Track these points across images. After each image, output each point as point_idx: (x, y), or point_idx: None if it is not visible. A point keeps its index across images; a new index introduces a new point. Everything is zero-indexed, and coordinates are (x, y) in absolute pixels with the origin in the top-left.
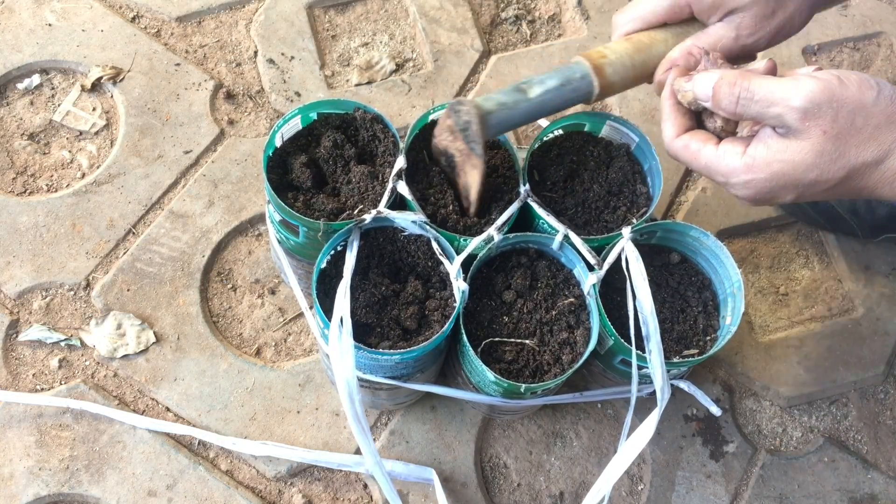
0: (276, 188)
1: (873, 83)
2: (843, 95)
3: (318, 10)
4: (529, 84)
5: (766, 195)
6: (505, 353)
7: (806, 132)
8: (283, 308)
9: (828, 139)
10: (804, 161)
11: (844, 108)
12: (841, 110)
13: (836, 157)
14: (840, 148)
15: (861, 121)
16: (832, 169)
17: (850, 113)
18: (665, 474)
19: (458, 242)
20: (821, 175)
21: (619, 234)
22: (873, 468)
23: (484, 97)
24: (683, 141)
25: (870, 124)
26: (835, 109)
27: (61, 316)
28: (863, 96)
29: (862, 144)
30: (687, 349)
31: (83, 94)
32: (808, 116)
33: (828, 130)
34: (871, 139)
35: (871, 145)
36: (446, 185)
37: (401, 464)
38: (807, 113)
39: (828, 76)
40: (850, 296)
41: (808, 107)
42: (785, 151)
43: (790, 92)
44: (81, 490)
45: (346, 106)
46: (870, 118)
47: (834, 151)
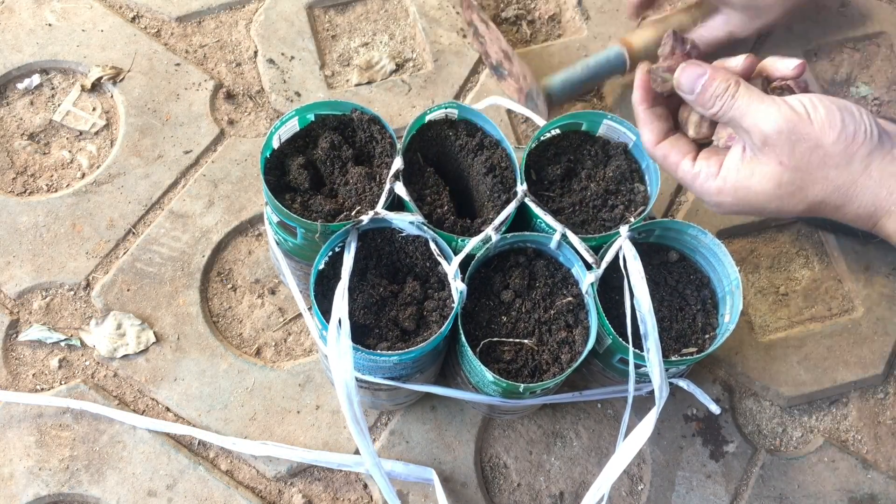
0: (273, 190)
1: (837, 122)
2: (805, 131)
3: (318, 10)
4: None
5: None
6: (504, 353)
7: (766, 158)
8: (283, 308)
9: (784, 170)
10: (765, 191)
11: (802, 143)
12: (798, 145)
13: (793, 190)
14: (797, 181)
15: (818, 159)
16: (791, 202)
17: (807, 150)
18: (665, 474)
19: (456, 243)
20: (781, 206)
21: (616, 232)
22: (873, 468)
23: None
24: (663, 150)
25: (827, 164)
26: (792, 143)
27: (61, 316)
28: (823, 136)
29: (819, 182)
30: (686, 347)
31: (83, 94)
32: (768, 141)
33: (784, 162)
34: (827, 179)
35: (827, 185)
36: (442, 186)
37: (401, 464)
38: (768, 138)
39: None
40: (850, 296)
41: (771, 133)
42: (750, 178)
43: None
44: (81, 490)
45: (344, 107)
46: (827, 158)
47: (790, 185)
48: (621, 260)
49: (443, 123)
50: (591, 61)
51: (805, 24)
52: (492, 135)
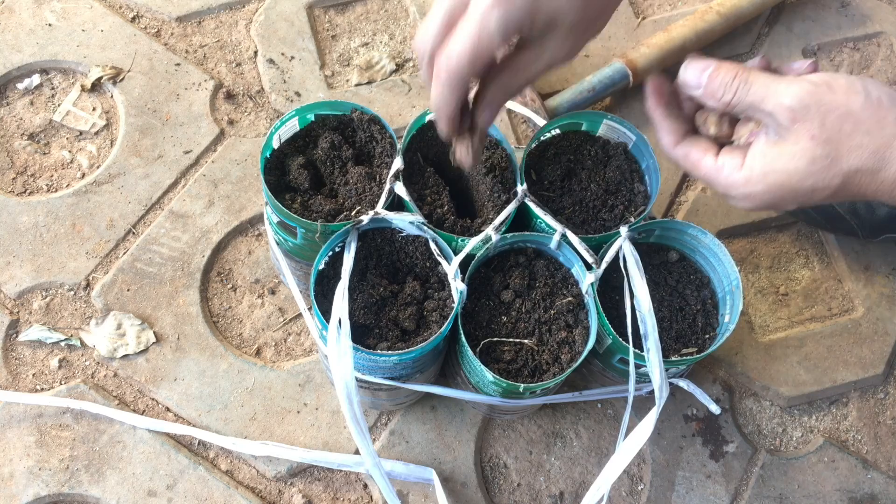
0: (273, 190)
1: (860, 87)
2: (831, 100)
3: (318, 10)
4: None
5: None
6: (504, 353)
7: (796, 135)
8: (283, 308)
9: (817, 144)
10: (798, 169)
11: (832, 112)
12: (828, 115)
13: (828, 163)
14: (832, 153)
15: (850, 127)
16: (827, 176)
17: (837, 118)
18: (665, 474)
19: (456, 243)
20: (817, 183)
21: (616, 232)
22: (873, 468)
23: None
24: (683, 150)
25: (859, 130)
26: (822, 113)
27: (61, 316)
28: (850, 102)
29: (853, 150)
30: (686, 347)
31: (83, 94)
32: (797, 117)
33: (816, 135)
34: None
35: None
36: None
37: (401, 464)
38: (796, 113)
39: (818, 79)
40: (850, 296)
41: (798, 107)
42: (779, 159)
43: (783, 89)
44: (81, 490)
45: (344, 107)
46: (858, 124)
47: (826, 157)
48: (621, 260)
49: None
50: (596, 82)
51: (805, 23)
52: (492, 135)
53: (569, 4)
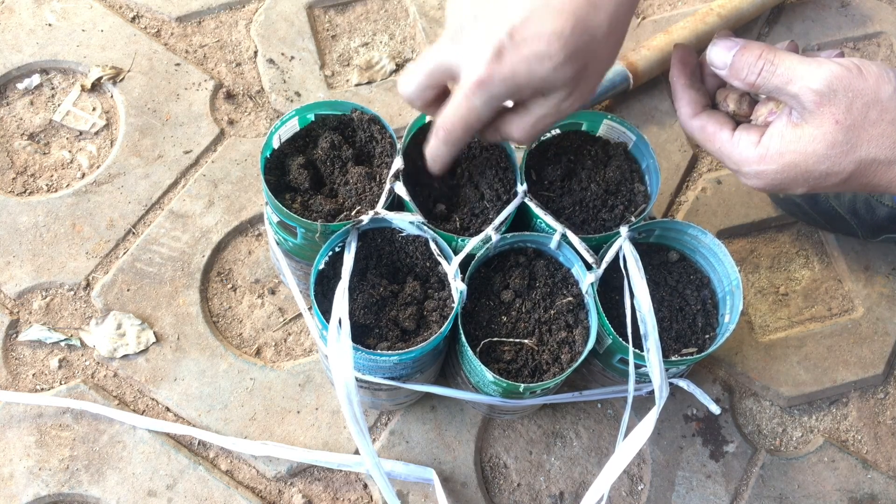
0: (273, 190)
1: (892, 76)
2: (860, 86)
3: (318, 10)
4: None
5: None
6: (504, 353)
7: (820, 118)
8: (283, 308)
9: (840, 129)
10: (815, 152)
11: (859, 98)
12: (856, 101)
13: (847, 149)
14: (852, 140)
15: (875, 115)
16: (843, 161)
17: (864, 105)
18: (665, 474)
19: (456, 242)
20: (832, 167)
21: (616, 232)
22: (873, 468)
23: None
24: (701, 121)
25: (884, 119)
26: (850, 99)
27: (61, 316)
28: (879, 90)
29: (874, 140)
30: (686, 347)
31: (83, 94)
32: (823, 101)
33: (840, 120)
34: (882, 136)
35: (883, 143)
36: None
37: (401, 464)
38: (823, 96)
39: (848, 63)
40: (850, 296)
41: (826, 90)
42: (798, 141)
43: (811, 72)
44: (81, 490)
45: (344, 107)
46: (884, 112)
47: (846, 143)
48: (621, 260)
49: None
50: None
51: (805, 23)
52: None
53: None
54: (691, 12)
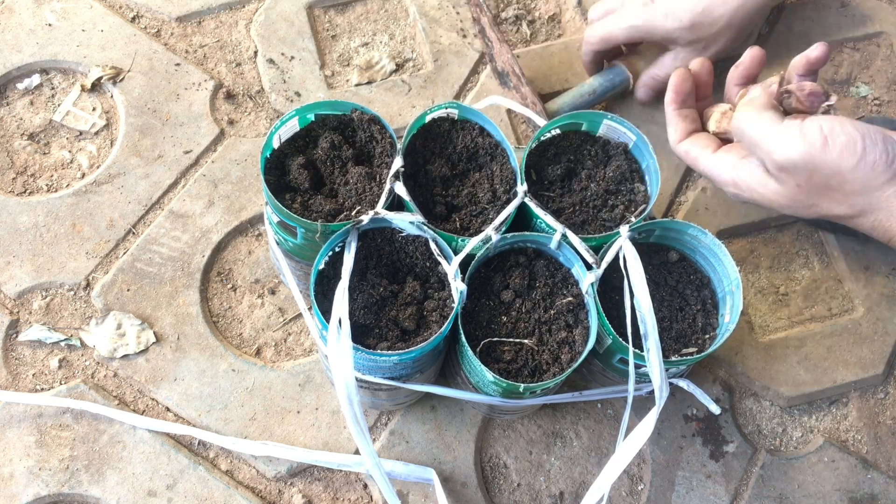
0: (273, 190)
1: (858, 148)
2: (823, 159)
3: (318, 10)
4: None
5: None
6: (504, 353)
7: (783, 181)
8: (283, 308)
9: (801, 191)
10: (779, 201)
11: (821, 171)
12: (816, 172)
13: (808, 205)
14: (812, 199)
15: (835, 182)
16: (805, 213)
17: (825, 175)
18: (665, 474)
19: (456, 243)
20: (796, 212)
21: (616, 232)
22: (873, 468)
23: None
24: (685, 146)
25: (844, 188)
26: (810, 171)
27: (61, 316)
28: (842, 162)
29: (833, 202)
30: (686, 347)
31: (83, 94)
32: (784, 171)
33: (802, 185)
34: (842, 199)
35: (842, 204)
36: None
37: (401, 464)
38: (783, 169)
39: (815, 136)
40: (850, 296)
41: (786, 165)
42: (766, 186)
43: (775, 144)
44: (81, 490)
45: (344, 107)
46: (844, 183)
47: (806, 201)
48: (621, 260)
49: (443, 123)
50: (598, 86)
51: (805, 23)
52: (492, 135)
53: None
54: None
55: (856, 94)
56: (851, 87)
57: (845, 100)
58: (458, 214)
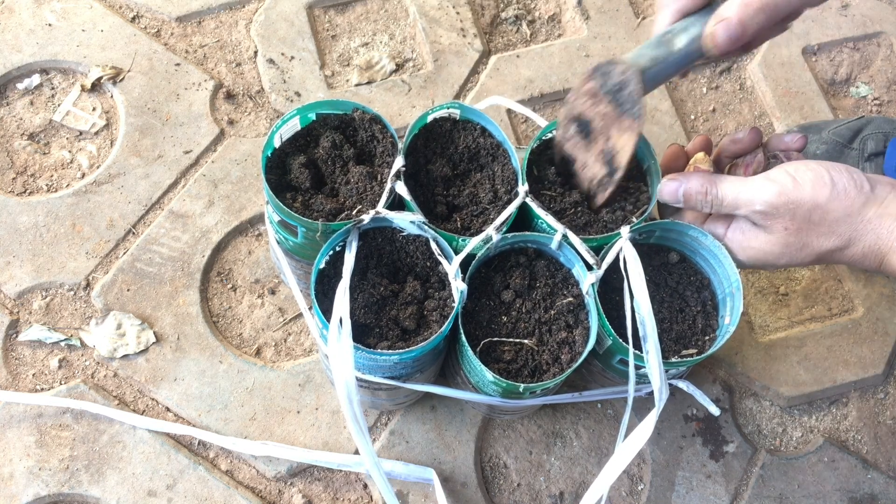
0: (274, 189)
1: (827, 180)
2: (798, 197)
3: (318, 10)
4: (673, 34)
5: (750, 268)
6: (504, 353)
7: (770, 228)
8: (283, 308)
9: (790, 234)
10: (773, 251)
11: (801, 207)
12: (798, 210)
13: (800, 246)
14: (803, 239)
15: (818, 217)
16: (800, 256)
17: (806, 212)
18: (665, 474)
19: (457, 242)
20: (791, 260)
21: (617, 233)
22: (873, 468)
23: (634, 55)
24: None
25: (827, 219)
26: (791, 210)
27: (61, 316)
28: (817, 195)
29: (822, 236)
30: (685, 349)
31: (83, 94)
32: (768, 217)
33: (788, 227)
34: (829, 231)
35: (830, 236)
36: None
37: (401, 464)
38: (767, 215)
39: (783, 178)
40: (850, 296)
41: (768, 210)
42: (756, 240)
43: (753, 196)
44: (81, 490)
45: (345, 106)
46: (826, 214)
47: (797, 242)
48: (621, 261)
49: (445, 123)
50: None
51: (805, 23)
52: (493, 135)
53: None
54: None
55: (856, 94)
56: (851, 87)
57: (845, 100)
58: (459, 214)
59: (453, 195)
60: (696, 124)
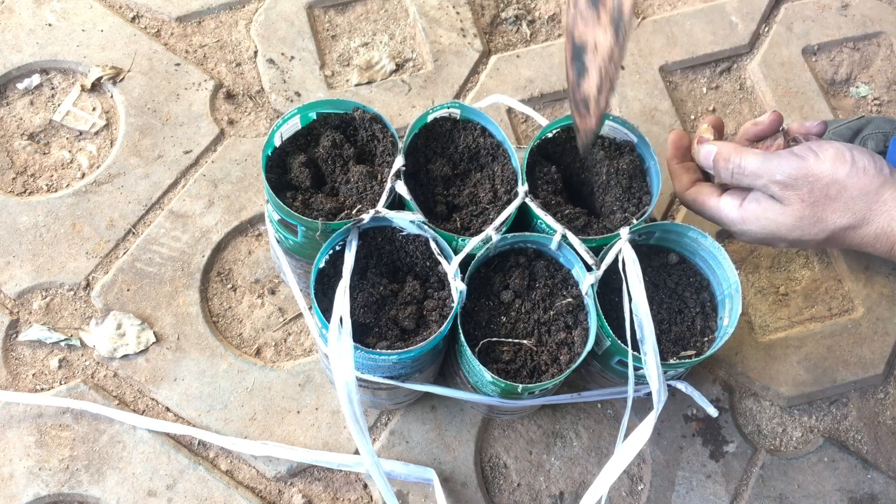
0: (274, 188)
1: (847, 157)
2: (818, 170)
3: (318, 10)
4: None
5: (761, 242)
6: (503, 353)
7: (787, 199)
8: (283, 308)
9: (805, 206)
10: (786, 223)
11: (819, 181)
12: (816, 183)
13: (814, 221)
14: (818, 213)
15: (835, 192)
16: (812, 231)
17: (824, 186)
18: (665, 474)
19: (457, 242)
20: (803, 234)
21: (617, 234)
22: (873, 468)
23: None
24: (692, 195)
25: (843, 195)
26: (811, 182)
27: (61, 316)
28: (836, 171)
29: (837, 211)
30: (684, 350)
31: (83, 94)
32: (787, 188)
33: (805, 199)
34: (845, 208)
35: (846, 213)
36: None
37: (401, 464)
38: (786, 186)
39: (805, 153)
40: (850, 296)
41: (787, 181)
42: (771, 211)
43: (773, 168)
44: (81, 490)
45: (346, 106)
46: (843, 190)
47: (812, 216)
48: (620, 263)
49: (445, 123)
50: None
51: (805, 23)
52: (494, 135)
53: None
54: (692, 12)
55: (856, 94)
56: (851, 87)
57: (845, 100)
58: (459, 214)
59: (453, 195)
60: (695, 124)
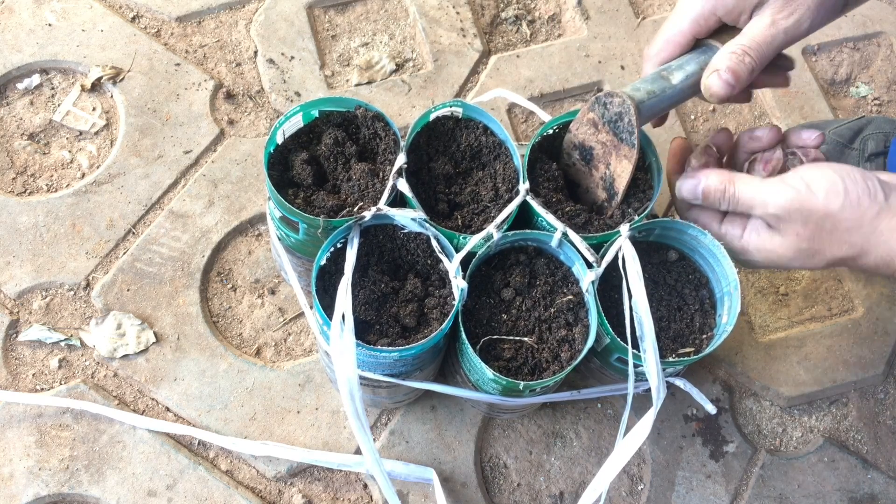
0: (276, 185)
1: (840, 188)
2: (812, 205)
3: (318, 10)
4: (669, 71)
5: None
6: (503, 351)
7: (783, 231)
8: (283, 308)
9: (802, 240)
10: (786, 255)
11: (813, 215)
12: (810, 217)
13: (812, 253)
14: (815, 246)
15: (830, 225)
16: (812, 262)
17: (818, 220)
18: (665, 474)
19: (458, 240)
20: (804, 265)
21: (617, 231)
22: (873, 468)
23: (632, 87)
24: (694, 215)
25: (838, 228)
26: (804, 216)
27: (61, 316)
28: (829, 204)
29: (834, 244)
30: (683, 347)
31: (83, 94)
32: (781, 221)
33: (800, 233)
34: (841, 241)
35: (842, 245)
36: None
37: (401, 464)
38: (780, 219)
39: (798, 184)
40: (850, 296)
41: (781, 214)
42: (770, 242)
43: (767, 198)
44: (81, 490)
45: (348, 104)
46: (838, 223)
47: (809, 249)
48: (620, 260)
49: (448, 121)
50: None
51: None
52: (496, 133)
53: None
54: None
55: (856, 94)
56: (851, 87)
57: (845, 100)
58: (461, 212)
59: (455, 193)
60: (695, 124)
